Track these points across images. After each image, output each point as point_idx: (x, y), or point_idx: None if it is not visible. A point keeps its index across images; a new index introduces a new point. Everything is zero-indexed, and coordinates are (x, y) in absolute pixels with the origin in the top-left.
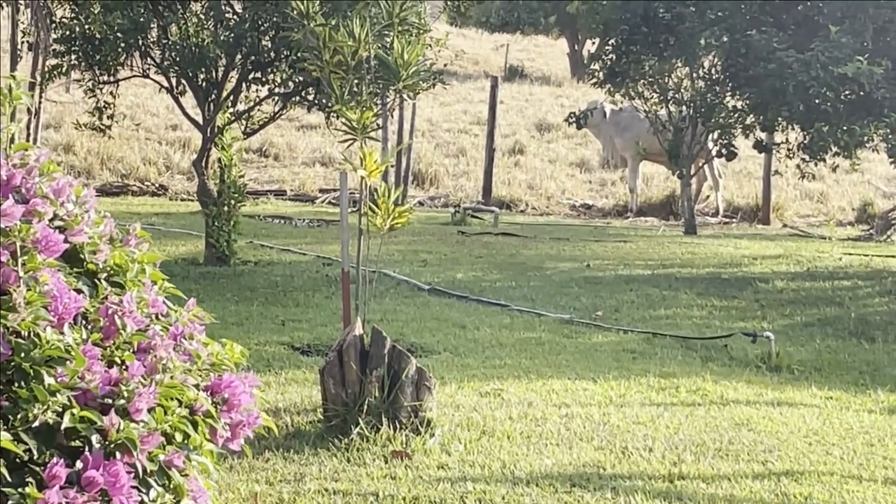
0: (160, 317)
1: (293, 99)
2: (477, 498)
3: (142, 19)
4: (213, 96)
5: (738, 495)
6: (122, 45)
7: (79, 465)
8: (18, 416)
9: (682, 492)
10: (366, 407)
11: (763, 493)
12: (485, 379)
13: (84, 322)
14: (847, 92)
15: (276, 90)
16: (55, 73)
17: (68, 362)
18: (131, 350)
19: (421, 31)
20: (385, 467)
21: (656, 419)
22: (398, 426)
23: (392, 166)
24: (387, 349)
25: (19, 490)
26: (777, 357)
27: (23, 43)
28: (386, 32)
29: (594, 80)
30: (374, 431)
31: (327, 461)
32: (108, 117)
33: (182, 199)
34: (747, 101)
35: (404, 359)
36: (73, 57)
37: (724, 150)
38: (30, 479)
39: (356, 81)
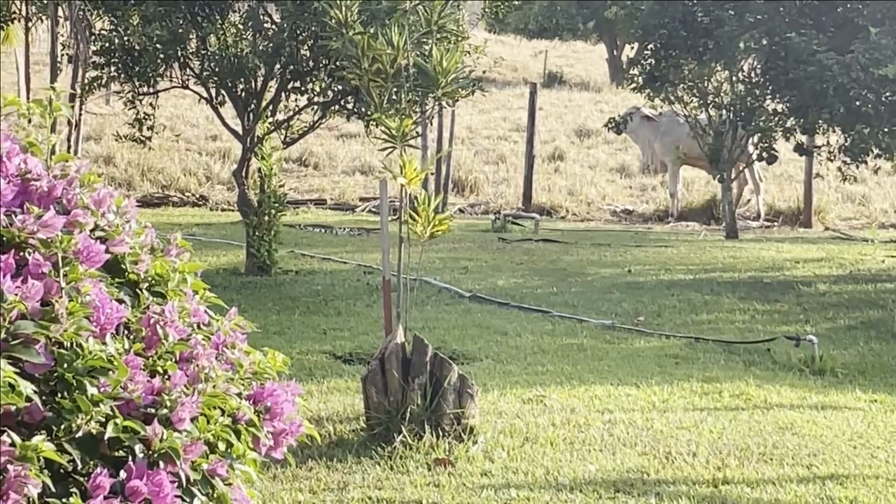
0: (202, 326)
1: (332, 108)
2: None
3: (181, 30)
4: (253, 106)
5: (783, 499)
6: (162, 56)
7: (122, 474)
8: (62, 427)
9: (727, 496)
10: (408, 415)
11: (808, 497)
12: (527, 385)
13: (126, 332)
14: (888, 93)
15: (316, 99)
16: (95, 85)
17: (111, 372)
18: (173, 359)
19: (459, 39)
20: (428, 475)
21: (700, 424)
22: (441, 434)
23: (432, 174)
24: (429, 357)
25: (63, 500)
26: (820, 360)
27: (62, 55)
28: (424, 40)
29: (633, 85)
30: (416, 439)
31: (370, 469)
32: (147, 128)
33: (222, 210)
34: (787, 104)
35: (446, 366)
36: (112, 69)
37: (764, 154)
38: (74, 490)
39: (395, 89)
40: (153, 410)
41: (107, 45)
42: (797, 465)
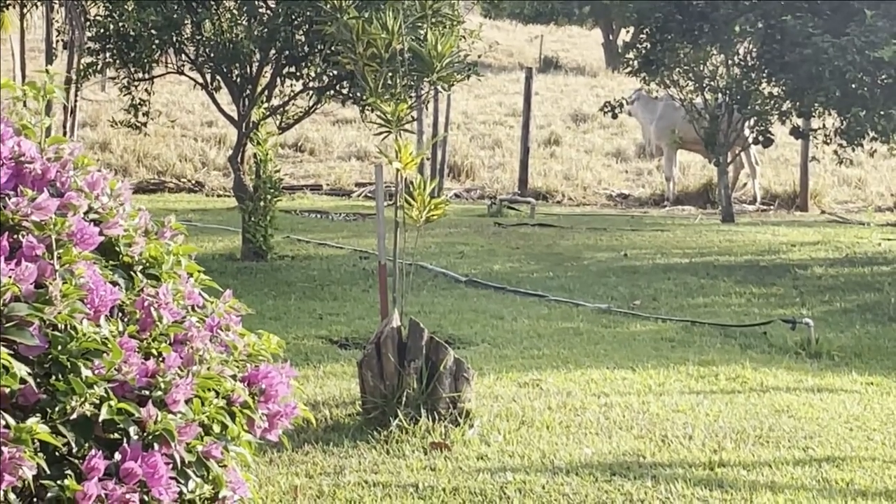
0: (196, 308)
1: (328, 93)
2: (517, 488)
3: (175, 16)
4: (248, 92)
5: (780, 482)
6: (157, 42)
7: (117, 456)
8: (56, 409)
9: (723, 479)
10: (404, 399)
11: (804, 480)
12: (523, 369)
13: (120, 314)
14: (884, 76)
15: (311, 84)
16: (90, 71)
17: (105, 354)
18: (168, 342)
19: (454, 23)
20: (424, 459)
21: (696, 407)
22: (437, 418)
23: (427, 159)
24: (424, 341)
25: (58, 482)
26: (817, 343)
27: (57, 42)
28: (419, 24)
29: (629, 69)
30: (412, 423)
31: (367, 453)
32: (143, 115)
33: (218, 195)
34: (783, 88)
35: (442, 350)
36: (107, 55)
37: (760, 137)
38: (68, 472)
39: (390, 74)
40: (147, 392)
41: (102, 30)
42: (793, 448)
